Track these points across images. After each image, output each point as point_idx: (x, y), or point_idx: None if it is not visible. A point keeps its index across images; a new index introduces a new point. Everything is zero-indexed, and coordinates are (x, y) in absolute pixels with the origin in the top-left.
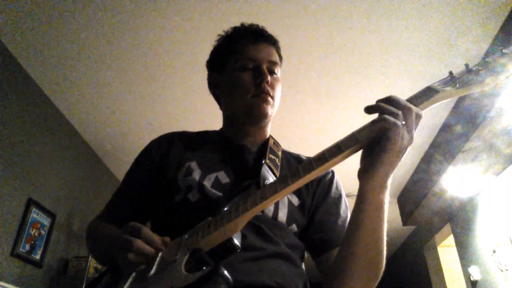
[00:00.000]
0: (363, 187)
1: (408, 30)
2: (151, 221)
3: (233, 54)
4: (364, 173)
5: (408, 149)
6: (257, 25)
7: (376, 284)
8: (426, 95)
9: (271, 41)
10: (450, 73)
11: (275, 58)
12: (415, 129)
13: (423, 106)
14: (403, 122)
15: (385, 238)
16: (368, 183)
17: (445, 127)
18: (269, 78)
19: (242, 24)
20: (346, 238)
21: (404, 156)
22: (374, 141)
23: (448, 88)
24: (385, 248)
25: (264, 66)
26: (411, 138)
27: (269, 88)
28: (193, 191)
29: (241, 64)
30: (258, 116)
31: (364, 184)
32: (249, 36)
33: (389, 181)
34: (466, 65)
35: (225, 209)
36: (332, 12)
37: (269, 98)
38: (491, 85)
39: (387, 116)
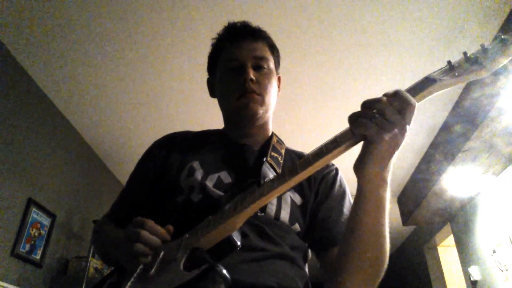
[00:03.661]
0: (360, 181)
1: (409, 30)
2: (155, 222)
3: (220, 57)
4: (358, 166)
5: (405, 139)
6: (242, 22)
7: (378, 282)
8: (424, 85)
9: (255, 36)
10: (449, 62)
11: (261, 52)
12: (408, 118)
13: (421, 96)
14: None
15: (387, 235)
16: (363, 175)
17: (445, 127)
18: (251, 75)
19: (228, 24)
20: (345, 234)
21: (403, 152)
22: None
23: (446, 77)
24: (387, 245)
25: (248, 64)
26: (403, 127)
27: (254, 86)
28: (195, 192)
29: (226, 66)
30: (247, 117)
31: (360, 177)
32: (232, 36)
33: (389, 177)
34: (465, 53)
35: (226, 208)
36: (332, 12)
37: (256, 96)
38: (490, 72)
39: (364, 121)
